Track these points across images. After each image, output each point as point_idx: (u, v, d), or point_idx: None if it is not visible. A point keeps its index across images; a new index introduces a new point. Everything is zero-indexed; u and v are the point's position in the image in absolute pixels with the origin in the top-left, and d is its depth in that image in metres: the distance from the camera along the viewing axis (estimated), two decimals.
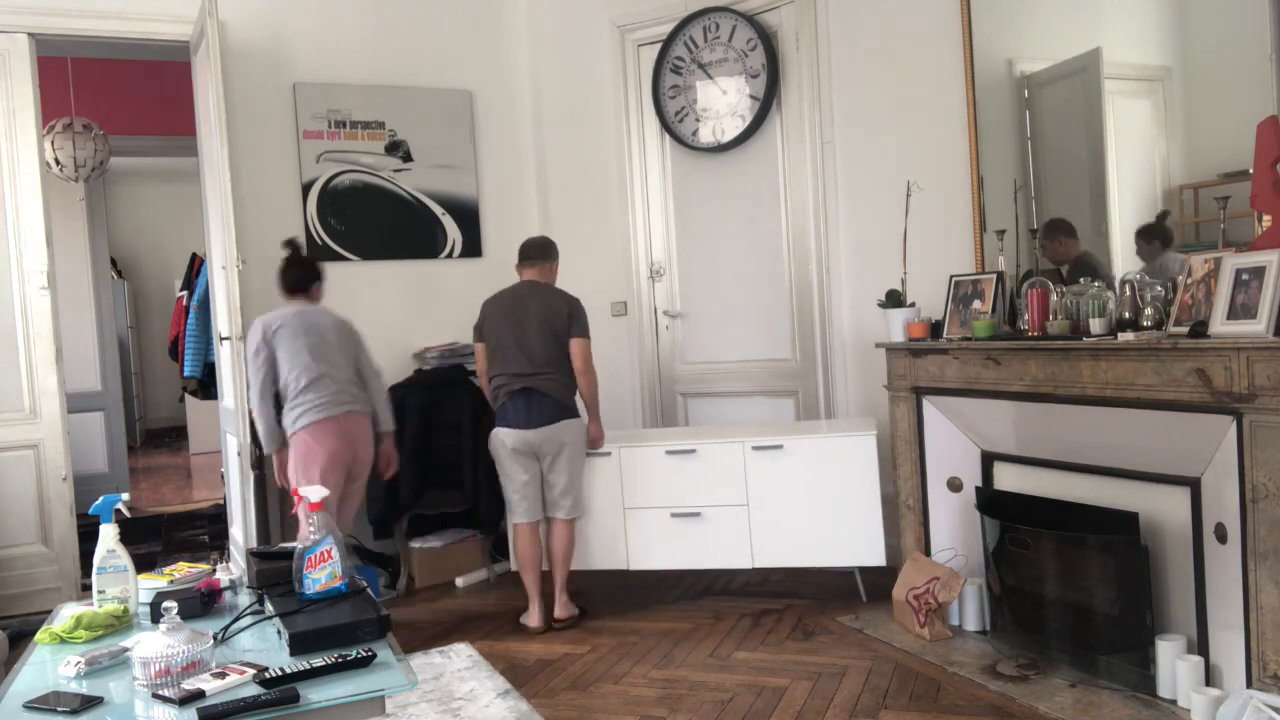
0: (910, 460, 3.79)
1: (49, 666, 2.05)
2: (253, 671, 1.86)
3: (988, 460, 3.62)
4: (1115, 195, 3.36)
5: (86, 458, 6.71)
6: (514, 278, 4.09)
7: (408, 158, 5.10)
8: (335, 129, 4.94)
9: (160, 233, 10.50)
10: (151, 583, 2.49)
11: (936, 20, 3.96)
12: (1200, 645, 2.85)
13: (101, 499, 2.34)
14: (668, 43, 4.92)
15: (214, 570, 2.54)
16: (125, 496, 2.41)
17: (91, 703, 1.80)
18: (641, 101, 5.07)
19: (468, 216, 5.24)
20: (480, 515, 4.55)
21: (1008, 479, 3.55)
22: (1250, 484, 2.58)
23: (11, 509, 4.41)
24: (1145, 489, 3.02)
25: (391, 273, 5.03)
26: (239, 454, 4.39)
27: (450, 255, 5.17)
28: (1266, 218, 2.68)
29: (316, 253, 4.86)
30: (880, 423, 4.08)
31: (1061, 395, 3.12)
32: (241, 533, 4.47)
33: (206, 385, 6.77)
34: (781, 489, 3.94)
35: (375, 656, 1.94)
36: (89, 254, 7.00)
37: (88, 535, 3.29)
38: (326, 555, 2.28)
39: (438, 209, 5.17)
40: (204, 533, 6.02)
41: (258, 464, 4.36)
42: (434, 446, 4.54)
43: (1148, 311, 2.90)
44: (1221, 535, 2.74)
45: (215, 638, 2.01)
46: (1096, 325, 3.02)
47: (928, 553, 3.74)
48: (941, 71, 3.95)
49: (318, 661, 1.90)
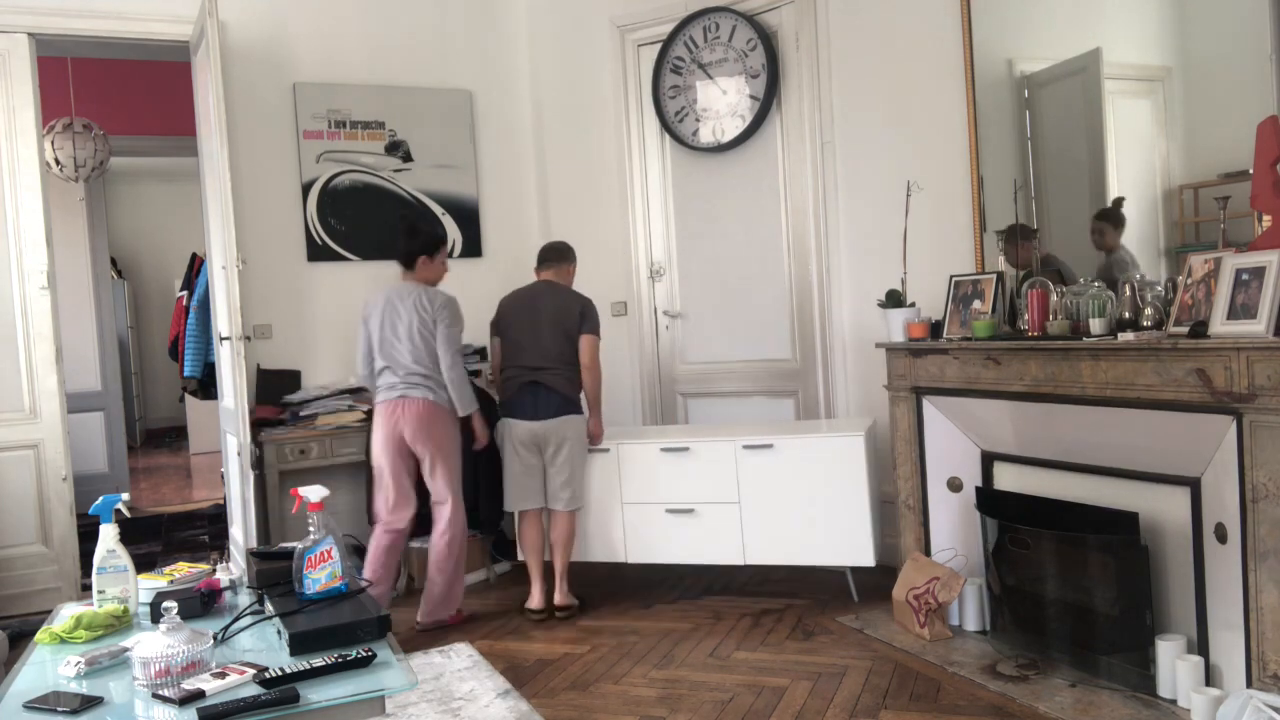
0: (910, 460, 3.79)
1: (49, 666, 2.05)
2: (253, 671, 1.86)
3: (988, 460, 3.62)
4: (1115, 195, 3.36)
5: (86, 458, 6.72)
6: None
7: (408, 158, 5.10)
8: (335, 129, 4.94)
9: (160, 233, 10.50)
10: (151, 583, 2.49)
11: (936, 20, 3.96)
12: (1200, 645, 2.85)
13: (101, 499, 2.33)
14: (668, 43, 4.92)
15: (214, 570, 2.54)
16: (125, 496, 2.41)
17: (91, 703, 1.80)
18: (641, 101, 5.07)
19: (468, 216, 5.24)
20: (480, 515, 4.55)
21: (1008, 479, 3.55)
22: (1250, 484, 2.58)
23: (11, 509, 4.41)
24: (1145, 489, 3.02)
25: (392, 273, 5.02)
26: (239, 454, 4.39)
27: (450, 255, 5.17)
28: (1266, 218, 2.68)
29: (323, 250, 4.87)
30: (880, 423, 4.08)
31: (1061, 395, 3.12)
32: (241, 533, 4.47)
33: (206, 385, 6.76)
34: (772, 487, 3.96)
35: (375, 656, 1.94)
36: (89, 254, 7.00)
37: (88, 535, 3.30)
38: (326, 555, 2.28)
39: (438, 209, 5.17)
40: (204, 533, 6.02)
41: (257, 464, 4.37)
42: None
43: (1148, 311, 2.90)
44: (1221, 535, 2.74)
45: (215, 638, 2.00)
46: (1096, 325, 3.02)
47: (928, 553, 3.74)
48: (941, 71, 3.95)
49: (318, 661, 1.90)
